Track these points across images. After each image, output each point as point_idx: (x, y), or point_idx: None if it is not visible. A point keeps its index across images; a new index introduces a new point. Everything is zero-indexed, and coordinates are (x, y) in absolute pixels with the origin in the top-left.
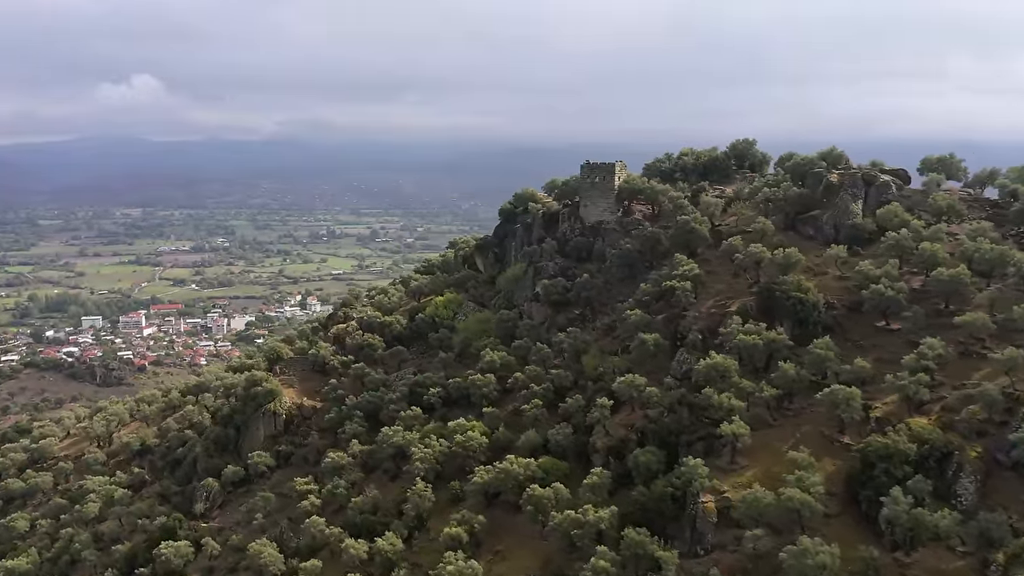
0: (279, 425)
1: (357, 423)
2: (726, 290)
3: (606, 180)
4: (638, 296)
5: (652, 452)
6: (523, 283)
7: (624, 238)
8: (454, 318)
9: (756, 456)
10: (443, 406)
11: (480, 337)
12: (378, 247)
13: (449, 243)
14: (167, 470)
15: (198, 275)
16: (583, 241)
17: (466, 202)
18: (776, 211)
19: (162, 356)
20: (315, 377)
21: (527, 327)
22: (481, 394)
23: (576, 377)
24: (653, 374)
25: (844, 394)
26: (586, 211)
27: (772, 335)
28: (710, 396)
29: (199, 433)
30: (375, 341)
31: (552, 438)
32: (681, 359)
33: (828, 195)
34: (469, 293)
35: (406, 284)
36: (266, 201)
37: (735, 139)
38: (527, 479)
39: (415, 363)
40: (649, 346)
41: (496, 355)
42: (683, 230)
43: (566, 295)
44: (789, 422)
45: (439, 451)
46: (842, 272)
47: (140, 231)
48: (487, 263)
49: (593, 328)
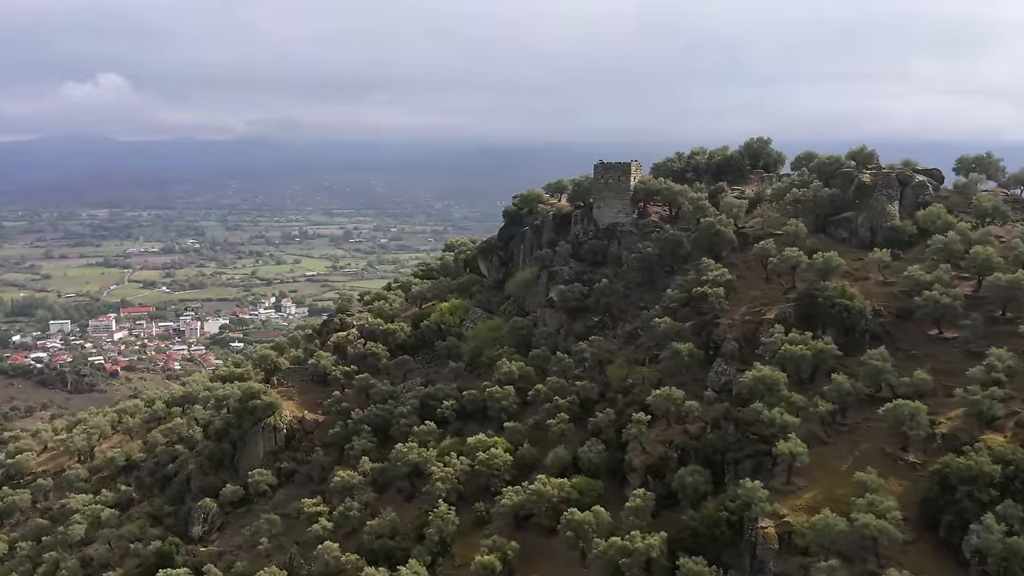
0: (279, 440)
1: (365, 438)
2: (759, 296)
3: (621, 180)
4: (665, 302)
5: (698, 472)
6: (535, 288)
7: (641, 241)
8: (461, 325)
9: (813, 476)
10: (457, 419)
11: (491, 346)
12: (352, 248)
13: (446, 245)
14: (156, 488)
15: (168, 277)
16: (598, 244)
17: (439, 202)
18: (805, 213)
19: (134, 361)
20: (315, 388)
21: (543, 335)
22: (500, 407)
23: (602, 389)
24: (686, 386)
25: (909, 409)
26: (600, 213)
27: (820, 345)
28: (759, 411)
29: (190, 448)
30: (379, 350)
31: (584, 456)
32: (719, 370)
33: (861, 196)
34: (476, 299)
35: (406, 289)
36: (236, 201)
37: (750, 138)
38: (561, 501)
39: (422, 373)
40: (684, 356)
41: (514, 365)
42: (707, 232)
43: (584, 301)
44: (844, 439)
45: (460, 470)
46: (885, 277)
47: (108, 232)
48: (491, 267)
49: (614, 336)
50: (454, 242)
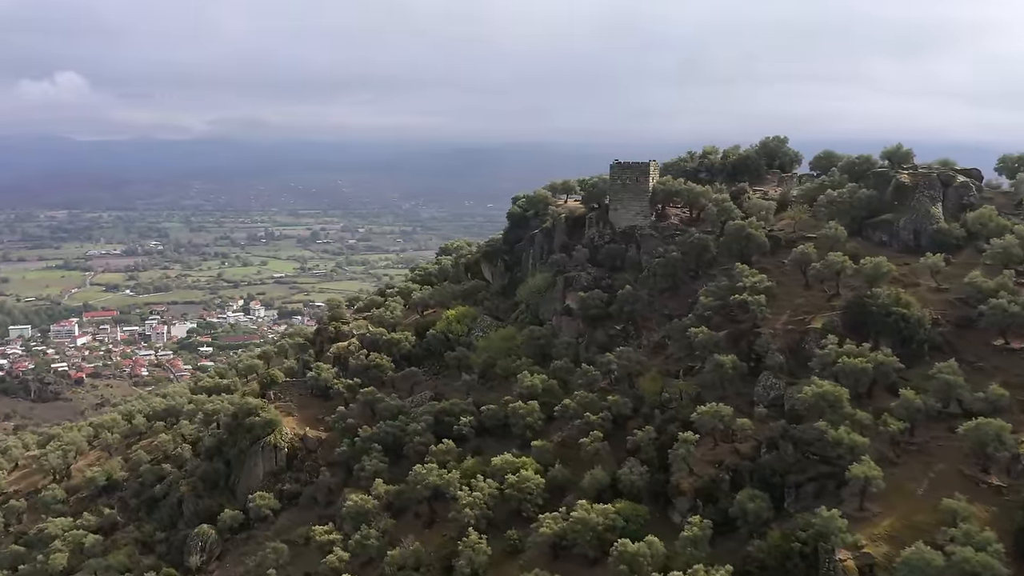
0: (280, 460)
1: (377, 458)
2: (802, 304)
3: (639, 181)
4: (698, 310)
5: (759, 497)
6: (550, 295)
7: (662, 244)
8: (469, 334)
9: (887, 501)
10: (476, 436)
11: (505, 356)
12: (320, 249)
13: (440, 248)
14: (143, 511)
15: (132, 280)
16: (616, 248)
17: (407, 202)
18: (840, 215)
19: (99, 367)
20: (315, 403)
21: (563, 345)
22: (524, 424)
23: (635, 404)
24: (728, 400)
25: (993, 428)
26: (616, 215)
27: (881, 357)
28: (824, 430)
29: (178, 467)
30: (383, 362)
31: (624, 478)
32: (768, 384)
33: (900, 197)
34: (483, 306)
35: (404, 295)
36: (199, 202)
37: (765, 136)
38: (607, 529)
39: (429, 385)
40: (727, 369)
41: (536, 379)
42: (737, 236)
43: (606, 309)
44: (914, 459)
45: (488, 494)
46: (938, 283)
47: (67, 234)
48: (495, 272)
49: (639, 346)
50: (450, 245)
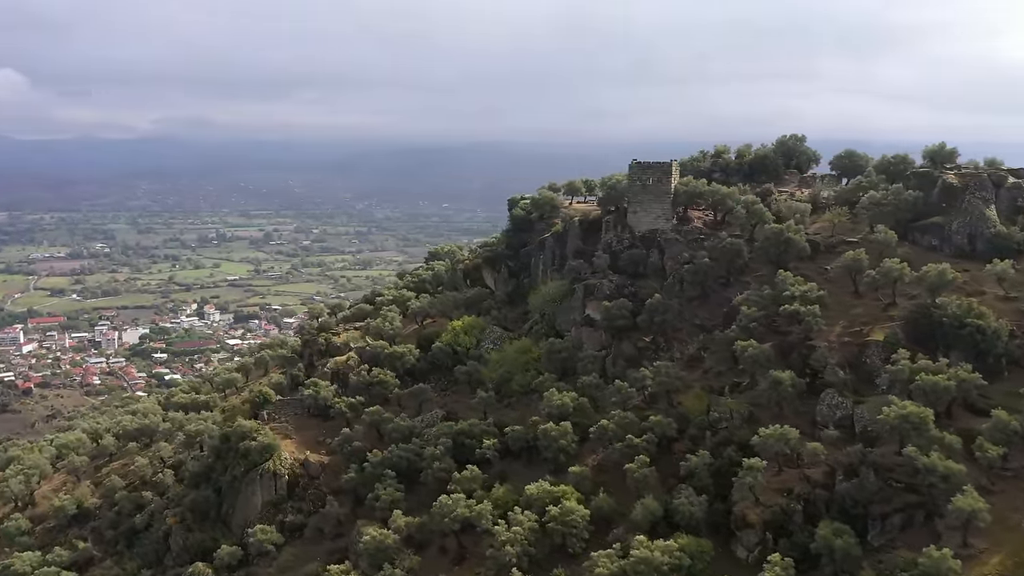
0: (281, 488)
1: (392, 486)
2: (859, 314)
3: (661, 182)
4: (741, 321)
5: (846, 532)
6: (568, 304)
7: (687, 249)
8: (478, 346)
9: (991, 535)
10: (500, 460)
11: (522, 371)
12: (274, 250)
13: (430, 253)
14: (122, 543)
15: (78, 284)
16: (638, 253)
17: (360, 202)
18: (883, 218)
19: (48, 376)
20: (313, 424)
21: (589, 359)
22: (557, 448)
23: (680, 425)
24: (785, 420)
25: None
26: (636, 218)
27: (962, 374)
28: (914, 456)
29: (159, 494)
30: (387, 378)
31: (681, 508)
32: (833, 403)
33: (948, 199)
34: (491, 316)
35: (400, 304)
36: (146, 203)
37: (782, 135)
38: (672, 568)
39: (439, 403)
40: (786, 387)
41: (566, 396)
42: (775, 240)
43: (632, 319)
44: (1011, 486)
45: (528, 527)
46: (1007, 291)
47: (7, 237)
48: (499, 279)
49: (670, 359)
50: (441, 249)
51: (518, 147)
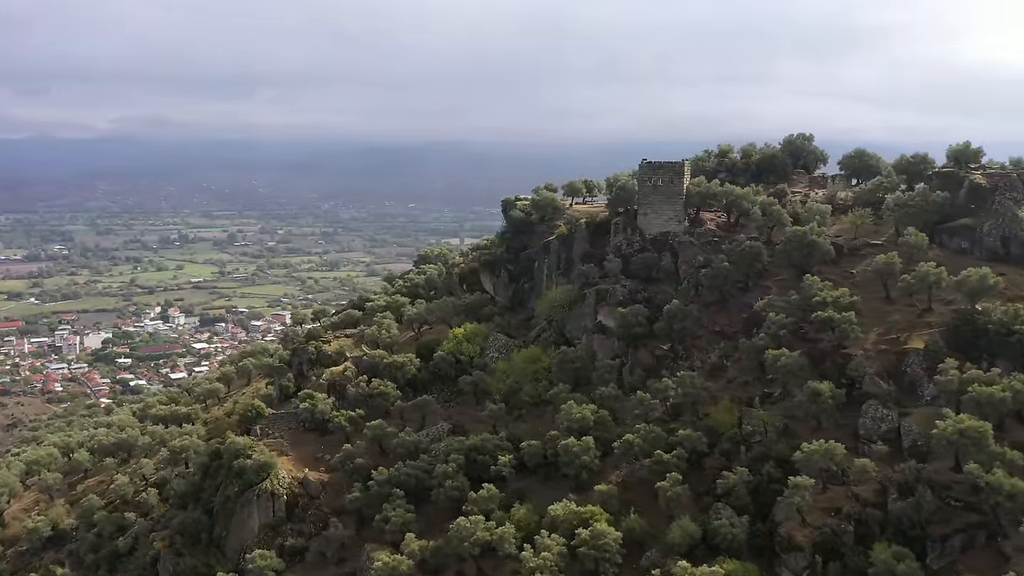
0: (279, 509)
1: (401, 507)
2: (896, 321)
3: (673, 183)
4: (770, 328)
5: (907, 556)
6: (579, 311)
7: (702, 253)
8: (482, 355)
9: None
10: (516, 478)
11: (531, 381)
12: (238, 251)
13: (419, 256)
14: (103, 568)
15: (36, 287)
16: (650, 257)
17: (326, 203)
18: (909, 219)
19: (7, 384)
20: (309, 439)
21: (606, 369)
22: (580, 464)
23: (710, 439)
24: (824, 433)
25: None
26: (646, 220)
27: (1019, 384)
28: (976, 474)
29: (143, 515)
30: (388, 389)
31: (721, 529)
32: (877, 415)
33: (976, 200)
34: (494, 323)
35: (394, 310)
36: (106, 204)
37: (789, 134)
38: None
39: (443, 416)
40: (826, 399)
41: (586, 409)
42: (799, 243)
43: (649, 327)
44: None
45: (557, 552)
46: None
47: None
48: (498, 284)
49: (690, 368)
50: (430, 252)
51: (479, 147)
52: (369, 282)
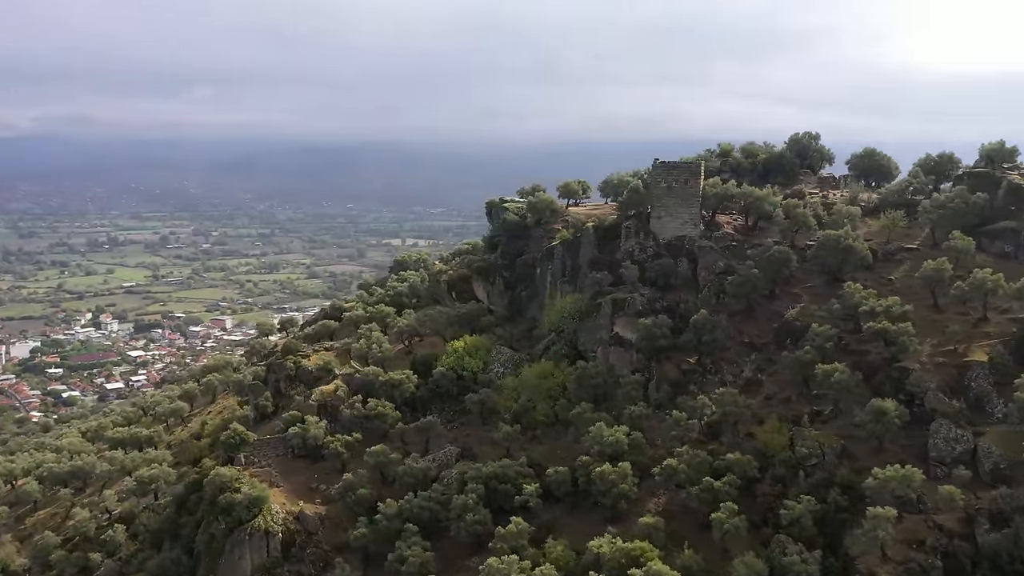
0: (275, 549)
1: (417, 544)
2: (942, 330)
3: (688, 184)
4: (815, 340)
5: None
6: (593, 322)
7: (722, 258)
8: (487, 370)
9: None
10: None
11: (544, 399)
12: (172, 254)
13: (395, 262)
14: None
15: None
16: (668, 263)
17: (261, 203)
18: (947, 223)
19: None
20: (300, 467)
21: (631, 385)
22: (618, 494)
23: (760, 463)
24: (887, 455)
25: None
26: (660, 224)
27: None
28: None
29: (109, 554)
30: (387, 410)
31: (796, 567)
32: (950, 436)
33: (1016, 201)
34: (496, 335)
35: (380, 321)
36: (28, 206)
37: (794, 133)
38: None
39: (449, 438)
40: (892, 418)
41: (619, 432)
42: (833, 248)
43: (675, 339)
44: None
45: None
46: None
47: None
48: (493, 292)
49: (721, 383)
50: (407, 258)
51: (415, 146)
52: (310, 284)
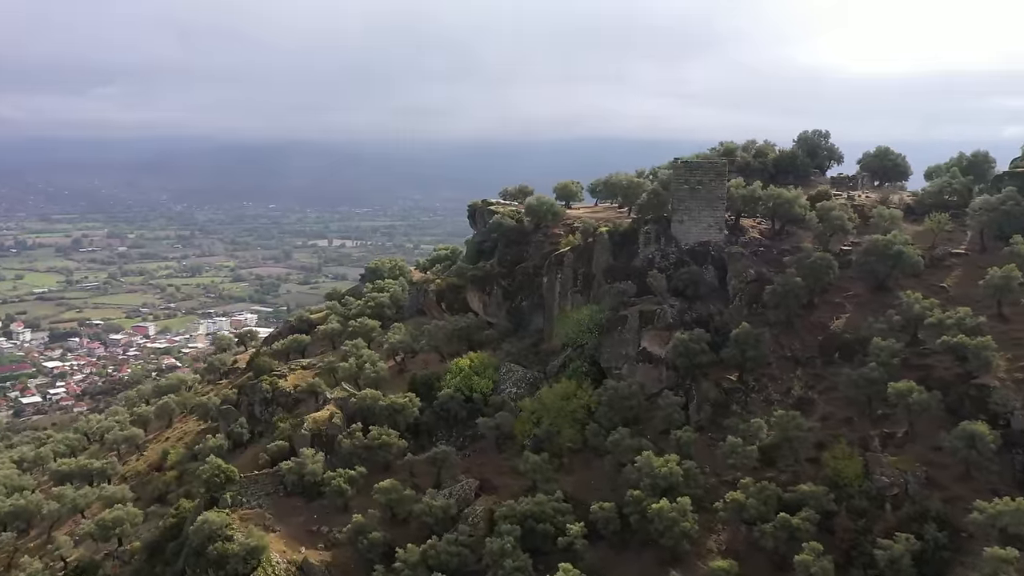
0: None
1: None
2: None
3: (713, 185)
4: (880, 356)
5: None
6: (618, 336)
7: (752, 265)
8: (497, 391)
9: None
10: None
11: (570, 423)
12: (85, 258)
13: (367, 269)
14: None
15: None
16: (695, 271)
17: (178, 204)
18: (996, 226)
19: None
20: (295, 506)
21: (672, 407)
22: (680, 533)
23: (837, 494)
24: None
25: None
26: (682, 228)
27: None
28: None
29: None
30: (392, 439)
31: None
32: None
33: None
34: (503, 351)
35: (366, 337)
36: None
37: (803, 131)
38: None
39: (462, 468)
40: (986, 443)
41: (671, 462)
42: (882, 254)
43: (714, 355)
44: None
45: None
46: None
47: None
48: (490, 303)
49: (766, 402)
50: (381, 264)
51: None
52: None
